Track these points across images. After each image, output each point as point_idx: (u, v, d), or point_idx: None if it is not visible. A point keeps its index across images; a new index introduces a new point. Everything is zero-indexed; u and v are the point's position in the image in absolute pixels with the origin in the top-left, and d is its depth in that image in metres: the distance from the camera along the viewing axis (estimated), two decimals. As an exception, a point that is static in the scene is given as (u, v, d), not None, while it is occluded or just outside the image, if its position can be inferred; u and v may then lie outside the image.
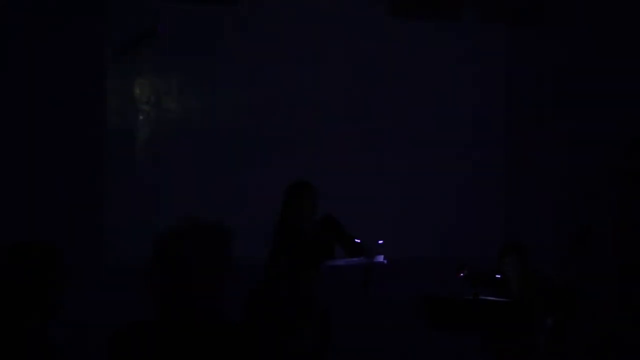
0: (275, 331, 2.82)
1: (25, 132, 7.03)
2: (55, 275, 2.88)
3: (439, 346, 6.36)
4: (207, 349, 2.55)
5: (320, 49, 8.05)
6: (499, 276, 6.30)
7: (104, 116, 7.49)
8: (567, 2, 8.40)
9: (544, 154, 8.48)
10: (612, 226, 8.31)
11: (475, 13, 8.02)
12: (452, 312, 5.87)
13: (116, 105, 7.62)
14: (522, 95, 8.59)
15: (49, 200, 7.05)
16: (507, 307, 5.74)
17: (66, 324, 3.78)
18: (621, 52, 8.39)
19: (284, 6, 7.86)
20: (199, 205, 7.81)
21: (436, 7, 7.86)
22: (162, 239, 2.62)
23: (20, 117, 7.03)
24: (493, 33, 8.54)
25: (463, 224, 8.66)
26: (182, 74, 7.80)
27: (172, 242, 2.60)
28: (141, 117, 7.76)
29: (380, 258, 6.15)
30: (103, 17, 7.42)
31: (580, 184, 8.46)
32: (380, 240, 6.90)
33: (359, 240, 6.51)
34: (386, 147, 8.41)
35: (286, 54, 7.97)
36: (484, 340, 5.83)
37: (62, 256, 2.90)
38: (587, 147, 8.49)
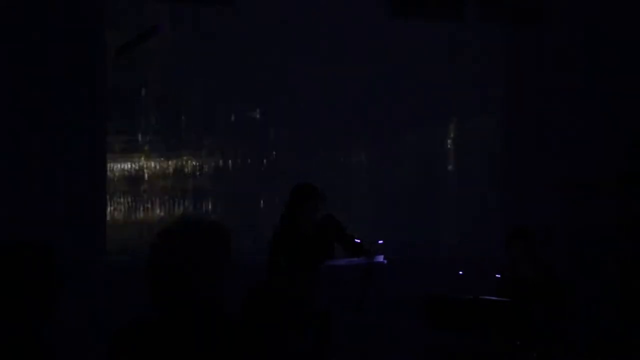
0: (275, 330, 2.82)
1: (24, 131, 7.02)
2: (49, 274, 2.84)
3: (439, 346, 6.36)
4: (207, 348, 2.55)
5: (320, 48, 8.04)
6: (498, 276, 6.32)
7: (104, 115, 7.48)
8: (567, 2, 8.40)
9: (544, 154, 8.47)
10: (612, 226, 8.32)
11: (476, 12, 8.01)
12: (452, 312, 5.87)
13: (116, 105, 7.61)
14: (522, 94, 8.58)
15: (48, 199, 7.04)
16: (507, 307, 5.75)
17: (66, 324, 3.78)
18: (621, 51, 8.39)
19: (283, 6, 7.86)
20: (198, 205, 7.83)
21: (437, 6, 7.85)
22: (162, 238, 2.62)
23: (19, 116, 7.03)
24: (493, 32, 8.53)
25: (463, 224, 8.66)
26: (183, 73, 7.79)
27: (172, 241, 2.61)
28: (142, 117, 7.75)
29: (380, 258, 6.15)
30: (102, 17, 7.41)
31: (580, 184, 8.46)
32: (380, 240, 6.90)
33: (359, 240, 6.52)
34: (385, 146, 8.41)
35: (285, 53, 7.96)
36: (484, 340, 5.84)
37: (55, 255, 2.86)
38: (588, 146, 8.48)
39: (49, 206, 6.99)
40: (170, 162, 7.82)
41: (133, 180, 7.70)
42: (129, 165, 7.69)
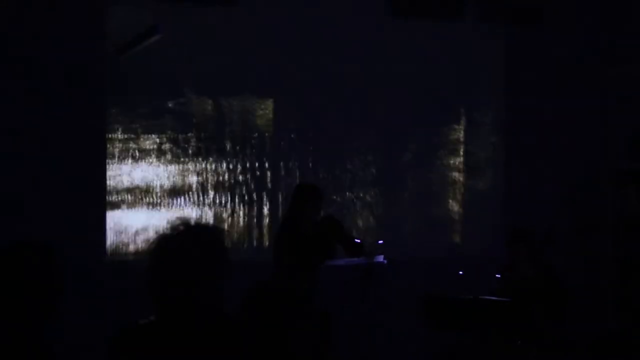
0: (276, 330, 2.82)
1: (24, 131, 7.02)
2: (50, 275, 2.84)
3: (439, 346, 6.37)
4: (207, 349, 2.55)
5: (319, 48, 8.04)
6: (498, 276, 6.32)
7: (104, 115, 7.48)
8: (567, 2, 8.40)
9: (543, 154, 8.48)
10: (611, 225, 8.33)
11: (476, 12, 8.01)
12: (452, 312, 5.88)
13: (116, 105, 7.61)
14: (521, 94, 8.58)
15: (48, 199, 7.04)
16: (507, 307, 5.75)
17: (66, 325, 3.78)
18: (621, 51, 8.39)
19: (282, 6, 7.85)
20: (196, 205, 7.83)
21: (437, 6, 7.84)
22: (161, 239, 2.62)
23: (19, 116, 7.03)
24: (493, 32, 8.53)
25: (463, 224, 8.66)
26: (184, 73, 7.79)
27: (171, 242, 2.61)
28: (142, 117, 7.75)
29: (380, 258, 6.17)
30: (103, 17, 7.41)
31: (580, 185, 8.46)
32: (380, 240, 6.90)
33: (359, 240, 6.53)
34: (385, 146, 8.41)
35: (284, 53, 7.95)
36: (484, 340, 5.84)
37: (56, 255, 2.86)
38: (587, 146, 8.49)
39: (49, 206, 6.98)
40: (170, 162, 7.83)
41: (133, 180, 7.70)
42: (129, 166, 7.69)
